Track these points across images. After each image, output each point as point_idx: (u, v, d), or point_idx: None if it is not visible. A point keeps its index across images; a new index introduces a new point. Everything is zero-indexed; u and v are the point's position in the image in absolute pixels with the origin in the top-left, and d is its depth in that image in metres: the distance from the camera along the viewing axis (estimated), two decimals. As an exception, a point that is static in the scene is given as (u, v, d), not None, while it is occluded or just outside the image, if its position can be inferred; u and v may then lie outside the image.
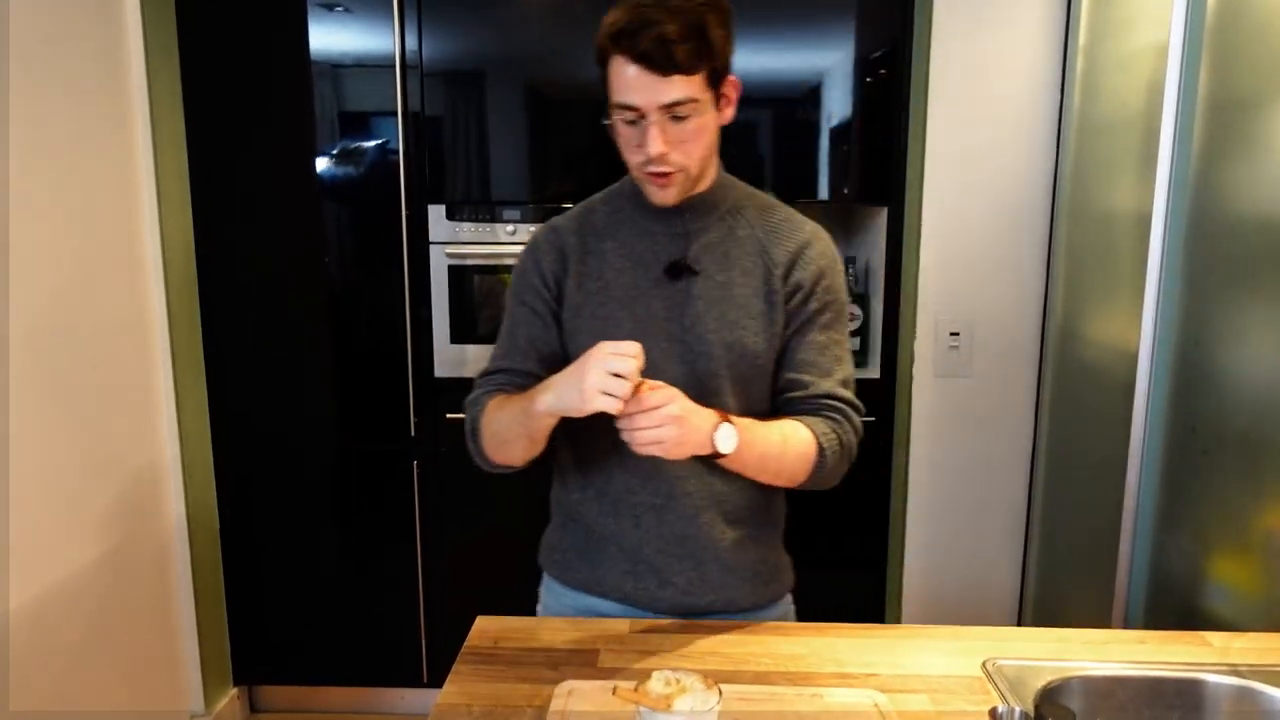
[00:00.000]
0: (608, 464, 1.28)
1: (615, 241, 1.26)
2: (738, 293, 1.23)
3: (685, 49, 1.08)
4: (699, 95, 1.12)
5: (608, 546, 1.29)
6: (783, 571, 1.38)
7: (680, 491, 1.25)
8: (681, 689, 0.89)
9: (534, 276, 1.28)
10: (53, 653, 1.89)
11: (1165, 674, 1.18)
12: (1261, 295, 1.50)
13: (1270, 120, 1.50)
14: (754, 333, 1.23)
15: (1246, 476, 1.53)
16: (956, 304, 2.32)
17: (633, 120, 1.13)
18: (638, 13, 1.08)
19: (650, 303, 1.24)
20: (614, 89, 1.13)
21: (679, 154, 1.15)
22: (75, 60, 1.95)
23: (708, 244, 1.25)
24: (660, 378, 1.14)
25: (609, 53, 1.12)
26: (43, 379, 1.85)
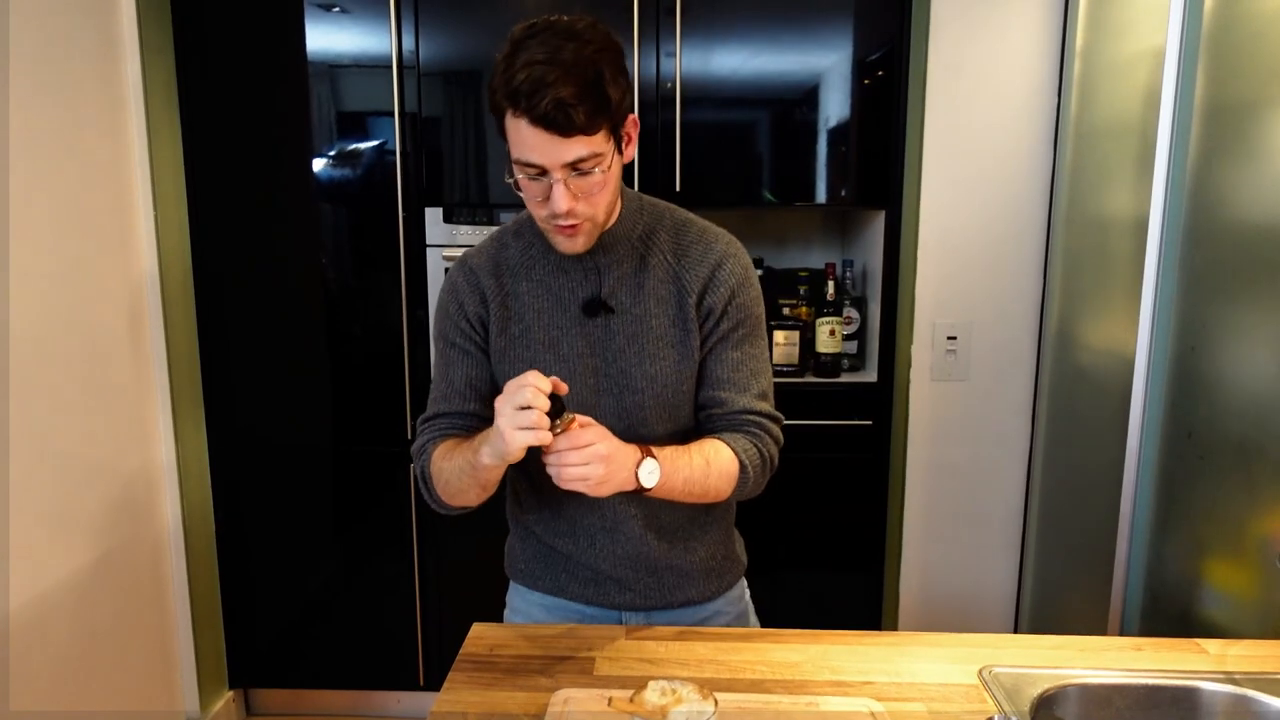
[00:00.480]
0: (552, 492, 1.24)
1: (530, 282, 1.27)
2: (654, 324, 1.25)
3: (584, 110, 1.06)
4: (601, 149, 1.11)
5: (567, 561, 1.34)
6: (734, 561, 1.42)
7: (625, 515, 1.29)
8: (677, 699, 0.89)
9: (459, 319, 1.28)
10: (48, 656, 1.88)
11: (1161, 682, 1.18)
12: (1258, 301, 1.50)
13: (1266, 125, 1.50)
14: (673, 362, 1.25)
15: (1243, 482, 1.53)
16: (953, 308, 2.33)
17: (534, 176, 1.12)
18: (531, 72, 1.05)
19: (573, 341, 1.25)
20: (514, 145, 1.11)
21: (585, 206, 1.14)
22: (70, 61, 1.95)
23: (621, 277, 1.25)
24: (589, 413, 1.17)
25: (504, 109, 1.09)
26: (38, 382, 1.85)
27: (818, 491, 2.37)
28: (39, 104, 1.84)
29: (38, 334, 1.85)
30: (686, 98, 2.23)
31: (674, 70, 2.21)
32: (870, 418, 2.35)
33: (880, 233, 2.34)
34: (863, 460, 2.37)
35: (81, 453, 1.99)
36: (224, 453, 2.42)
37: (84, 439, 2.00)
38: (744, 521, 1.55)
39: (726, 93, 2.27)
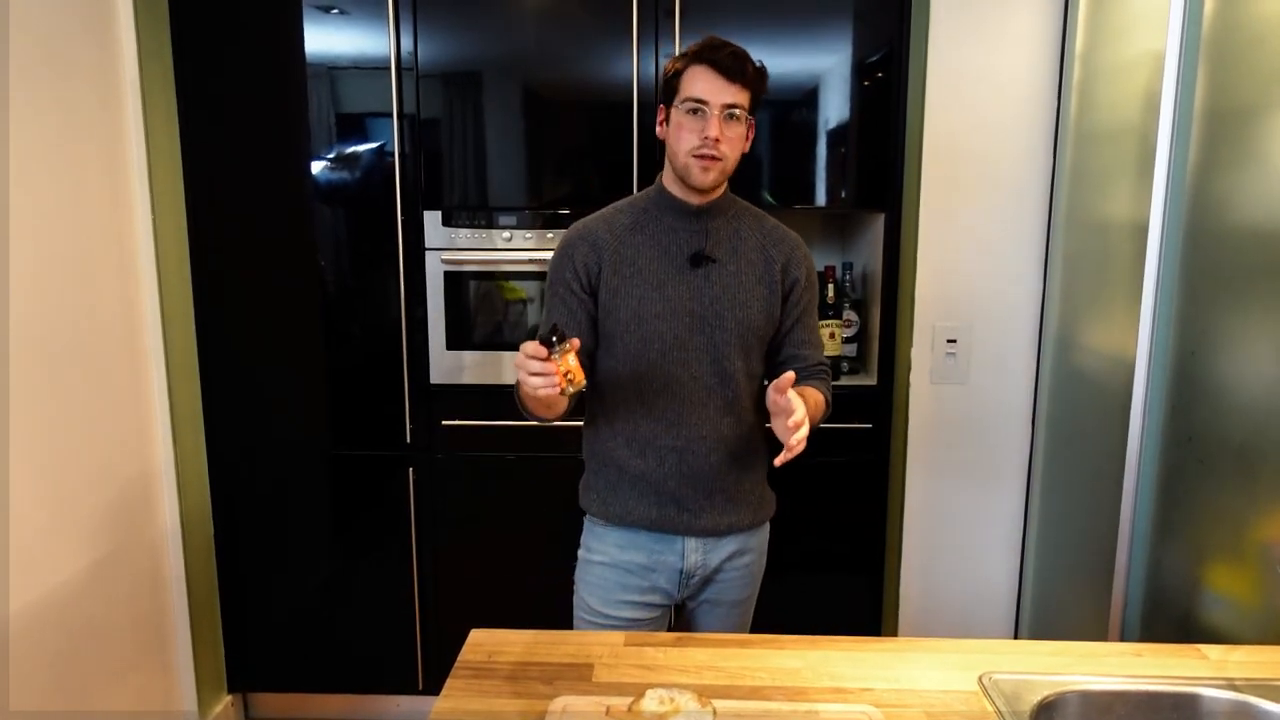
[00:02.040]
0: (634, 414, 1.56)
1: (644, 236, 1.55)
2: (745, 279, 1.55)
3: (752, 67, 1.45)
4: (746, 105, 1.46)
5: (637, 483, 1.57)
6: (769, 500, 1.69)
7: (697, 436, 1.55)
8: (675, 708, 0.88)
9: (566, 270, 1.54)
10: (47, 659, 1.88)
11: (1162, 688, 1.18)
12: (1258, 305, 1.50)
13: (1266, 130, 1.50)
14: (758, 311, 1.55)
15: (1243, 487, 1.53)
16: (953, 311, 2.32)
17: (695, 110, 1.44)
18: (713, 41, 1.45)
19: (677, 286, 1.53)
20: (686, 88, 1.45)
21: (726, 145, 1.46)
22: (68, 63, 1.94)
23: (721, 239, 1.55)
24: (685, 347, 1.52)
25: (686, 65, 1.45)
26: (37, 385, 1.84)
27: (818, 494, 2.36)
28: (36, 106, 1.84)
29: (35, 337, 1.84)
30: (686, 99, 2.22)
31: (673, 72, 2.21)
32: (870, 420, 2.35)
33: (880, 235, 2.34)
34: (863, 463, 2.37)
35: (80, 457, 1.99)
36: (223, 456, 2.41)
37: (82, 442, 1.99)
38: (743, 526, 1.55)
39: None
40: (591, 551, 1.64)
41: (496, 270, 2.30)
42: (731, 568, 1.62)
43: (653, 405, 1.55)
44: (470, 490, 2.39)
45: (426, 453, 2.38)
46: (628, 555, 1.60)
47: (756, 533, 1.66)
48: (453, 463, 2.38)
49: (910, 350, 2.35)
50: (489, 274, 2.31)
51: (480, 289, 2.32)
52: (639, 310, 1.52)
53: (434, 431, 2.37)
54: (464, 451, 2.36)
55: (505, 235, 2.29)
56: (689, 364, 1.53)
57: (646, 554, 1.59)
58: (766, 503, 1.68)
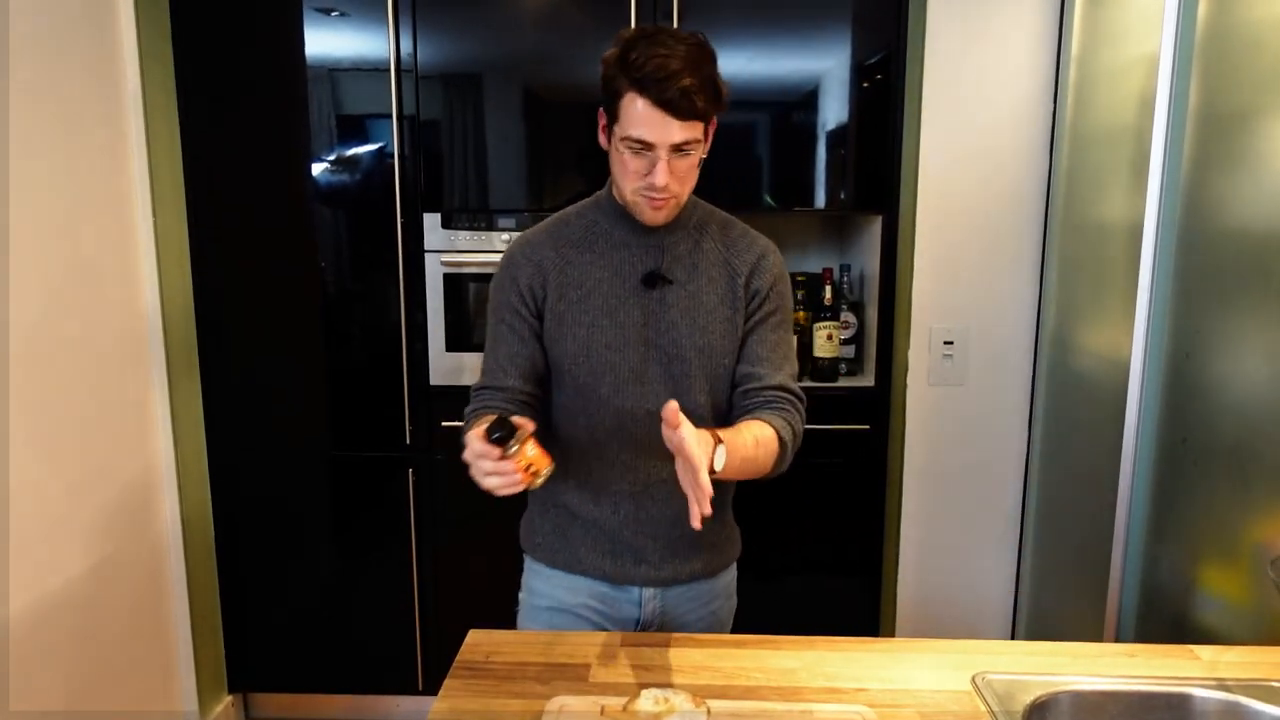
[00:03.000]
0: (585, 455, 1.40)
1: (592, 254, 1.37)
2: (705, 300, 1.37)
3: (703, 99, 1.22)
4: (700, 136, 1.26)
5: (589, 530, 1.42)
6: (734, 540, 1.54)
7: (656, 480, 1.39)
8: (670, 707, 0.89)
9: (511, 294, 1.37)
10: (48, 659, 1.89)
11: (1154, 689, 1.18)
12: (1252, 307, 1.51)
13: (1259, 133, 1.50)
14: (720, 335, 1.37)
15: (1236, 488, 1.54)
16: (950, 313, 2.33)
17: (639, 151, 1.25)
18: (659, 61, 1.20)
19: (630, 311, 1.36)
20: (627, 122, 1.24)
21: (677, 184, 1.28)
22: (68, 66, 1.95)
23: (678, 256, 1.38)
24: (640, 379, 1.35)
25: (625, 90, 1.22)
26: (38, 386, 1.85)
27: (815, 496, 2.38)
28: (38, 110, 1.85)
29: (36, 338, 1.85)
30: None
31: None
32: (867, 422, 2.36)
33: (877, 237, 2.35)
34: (860, 464, 2.38)
35: (81, 457, 2.00)
36: (223, 457, 2.42)
37: (83, 443, 2.00)
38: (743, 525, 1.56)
39: None
40: (535, 595, 1.48)
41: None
42: (696, 618, 1.47)
43: (606, 446, 1.38)
44: (470, 491, 2.38)
45: (426, 454, 2.40)
46: (579, 600, 1.44)
47: (722, 576, 1.50)
48: (452, 464, 2.37)
49: (908, 352, 2.36)
50: (488, 276, 2.31)
51: (480, 291, 2.33)
52: (588, 340, 1.35)
53: (434, 433, 2.38)
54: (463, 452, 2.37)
55: (504, 237, 2.30)
56: (645, 399, 1.35)
57: (598, 601, 1.44)
58: (732, 543, 1.52)
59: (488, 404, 1.35)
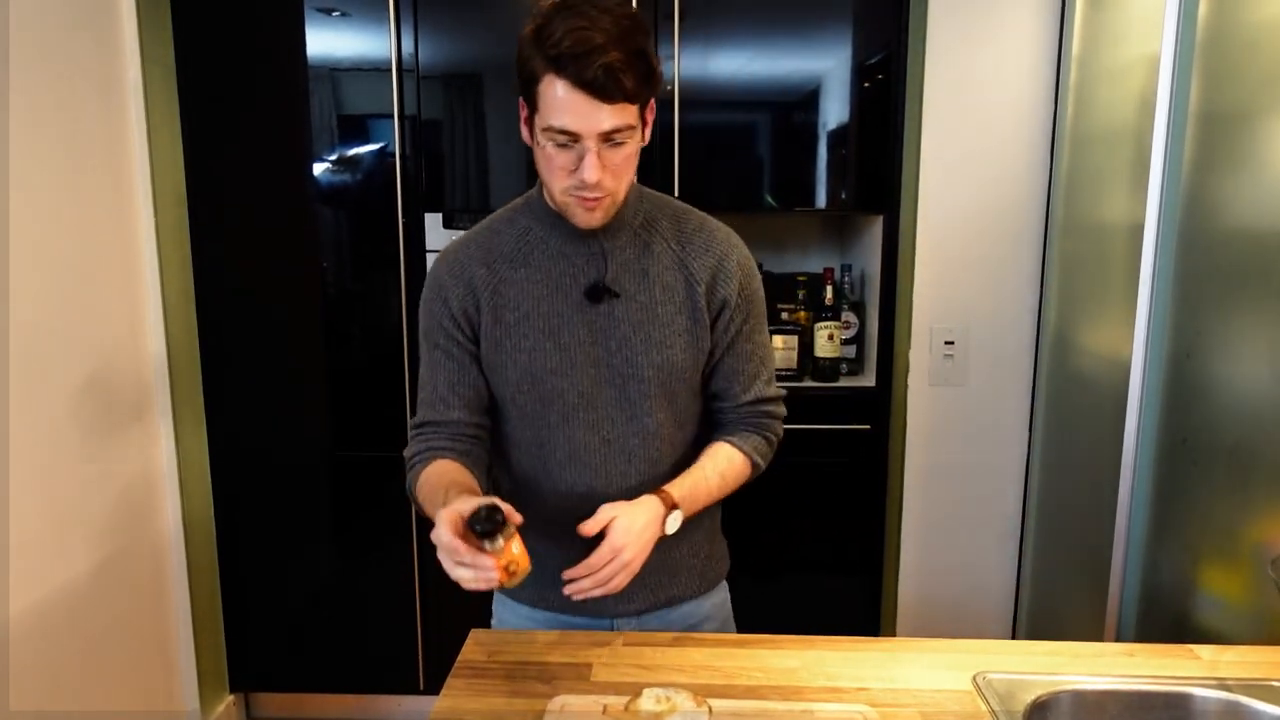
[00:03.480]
0: (538, 490, 1.29)
1: (528, 268, 1.23)
2: (661, 311, 1.23)
3: (632, 77, 1.06)
4: (634, 122, 1.11)
5: (548, 564, 1.22)
6: (717, 560, 1.42)
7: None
8: (671, 707, 0.90)
9: (443, 317, 1.24)
10: (50, 659, 1.89)
11: (1154, 688, 1.19)
12: (1252, 308, 1.51)
13: (1259, 134, 1.51)
14: (681, 349, 1.24)
15: (1236, 488, 1.54)
16: (951, 313, 2.33)
17: (564, 144, 1.10)
18: (577, 35, 1.04)
19: (574, 329, 1.22)
20: (547, 111, 1.09)
21: (610, 179, 1.13)
22: (70, 67, 1.96)
23: (625, 263, 1.23)
24: (591, 404, 1.23)
25: (541, 72, 1.07)
26: (39, 387, 1.86)
27: (816, 496, 2.38)
28: (39, 110, 1.85)
29: (39, 341, 1.86)
30: (685, 101, 2.24)
31: (673, 73, 2.22)
32: (868, 422, 2.36)
33: (878, 237, 2.35)
34: (861, 464, 2.38)
35: (83, 458, 2.00)
36: (224, 458, 2.43)
37: (85, 445, 2.01)
38: (744, 526, 1.56)
39: (726, 96, 2.27)
40: (505, 626, 1.40)
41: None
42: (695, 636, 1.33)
43: (558, 479, 1.26)
44: (471, 491, 2.40)
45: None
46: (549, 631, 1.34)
47: (707, 597, 1.39)
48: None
49: (908, 352, 2.36)
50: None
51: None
52: (530, 366, 1.22)
53: (435, 433, 2.38)
54: (464, 452, 2.38)
55: (505, 238, 2.30)
56: (599, 426, 1.24)
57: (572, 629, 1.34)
58: (716, 560, 1.41)
59: (433, 445, 1.24)
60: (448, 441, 1.24)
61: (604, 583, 1.12)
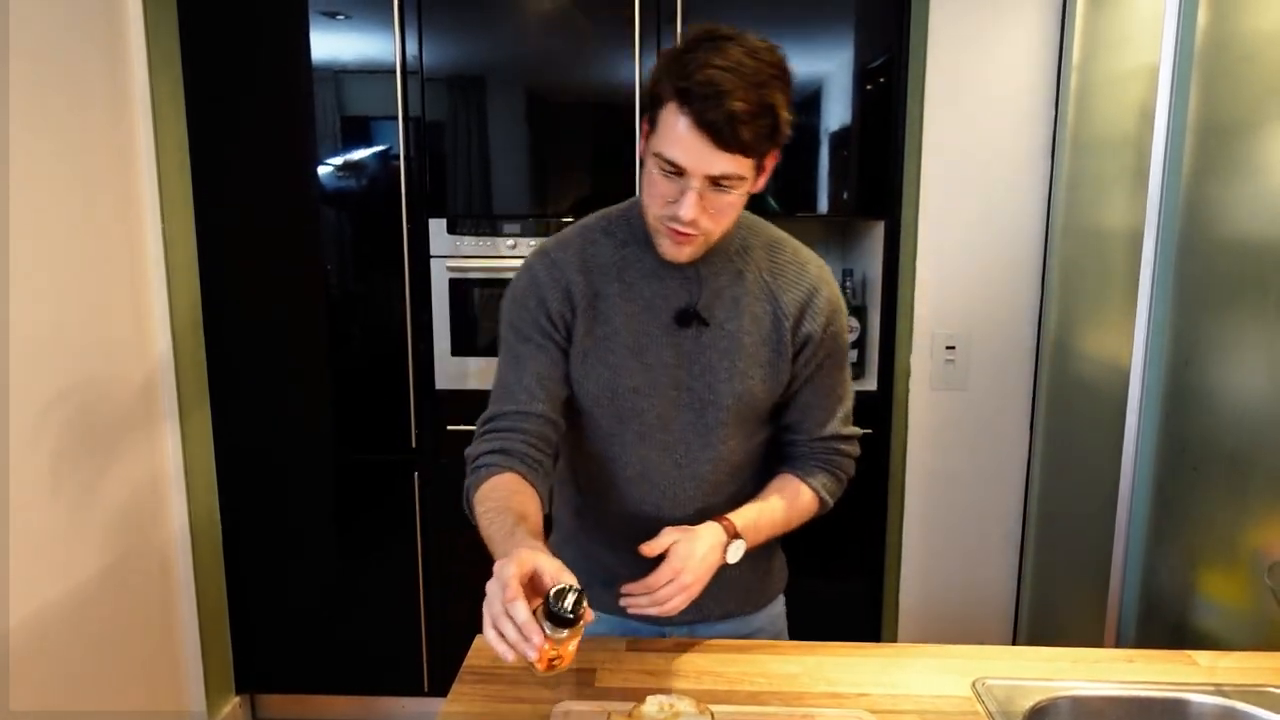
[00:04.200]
0: (605, 501, 1.30)
1: (622, 284, 1.23)
2: (747, 341, 1.23)
3: (752, 130, 1.04)
4: (746, 172, 1.09)
5: (606, 574, 1.27)
6: (775, 576, 1.43)
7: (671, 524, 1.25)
8: (675, 713, 0.91)
9: (540, 314, 1.22)
10: (55, 661, 1.91)
11: (1152, 694, 1.20)
12: (1251, 315, 1.52)
13: (1258, 143, 1.52)
14: (761, 380, 1.24)
15: (1235, 494, 1.55)
16: (953, 318, 2.34)
17: (671, 174, 1.09)
18: (711, 74, 1.03)
19: (660, 351, 1.22)
20: (663, 139, 1.08)
21: (708, 221, 1.12)
22: (77, 69, 1.97)
23: (717, 290, 1.22)
24: (667, 425, 1.23)
25: (667, 98, 1.06)
26: (45, 389, 1.87)
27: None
28: (46, 114, 1.87)
29: (45, 343, 1.87)
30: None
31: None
32: (870, 426, 2.36)
33: (880, 242, 2.36)
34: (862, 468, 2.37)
35: (89, 460, 2.02)
36: (231, 460, 2.44)
37: (91, 447, 2.02)
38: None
39: None
40: None
41: (501, 277, 2.33)
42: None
43: (627, 495, 1.27)
44: (475, 494, 2.41)
45: (432, 457, 2.41)
46: (601, 629, 1.33)
47: (763, 611, 1.40)
48: (458, 468, 2.38)
49: (910, 356, 2.37)
50: (493, 280, 2.34)
51: (485, 295, 2.35)
52: (613, 382, 1.22)
53: (439, 436, 2.40)
54: (469, 456, 2.39)
55: (509, 243, 2.32)
56: (673, 448, 1.25)
57: (620, 633, 1.35)
58: (774, 577, 1.42)
59: (506, 448, 1.18)
60: (522, 445, 1.19)
61: (660, 603, 1.13)
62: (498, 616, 0.90)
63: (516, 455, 1.18)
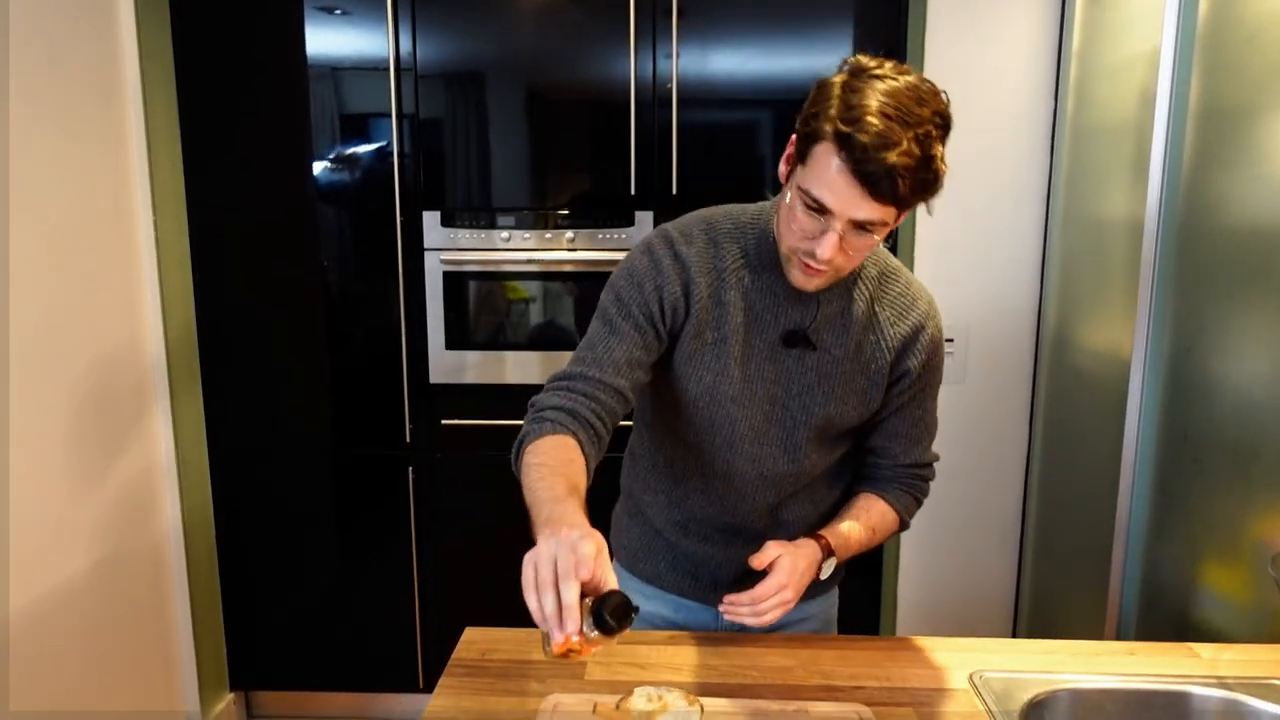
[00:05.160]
0: (687, 483, 1.32)
1: (738, 293, 1.22)
2: (848, 368, 1.24)
3: (909, 183, 1.02)
4: (890, 220, 1.08)
5: (674, 552, 1.36)
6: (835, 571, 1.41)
7: (750, 528, 1.31)
8: (663, 705, 0.89)
9: (653, 301, 1.20)
10: (49, 657, 1.89)
11: (1153, 687, 1.18)
12: (1252, 303, 1.50)
13: (1260, 129, 1.50)
14: (854, 407, 1.26)
15: (1237, 485, 1.53)
16: (951, 311, 2.30)
17: (814, 211, 1.07)
18: (879, 124, 0.99)
19: (762, 365, 1.23)
20: (813, 177, 1.05)
21: (844, 260, 1.11)
22: (69, 66, 1.95)
23: (828, 316, 1.22)
24: (759, 438, 1.25)
25: (824, 136, 1.02)
26: (39, 386, 1.85)
27: (816, 494, 2.37)
28: (37, 109, 1.85)
29: (38, 338, 1.86)
30: (684, 99, 2.23)
31: (671, 71, 2.21)
32: (868, 420, 2.35)
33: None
34: (861, 462, 2.37)
35: (82, 455, 2.00)
36: (224, 455, 2.43)
37: (85, 442, 2.01)
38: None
39: (725, 94, 2.26)
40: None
41: (495, 270, 2.31)
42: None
43: (709, 488, 1.30)
44: (470, 489, 2.40)
45: (426, 452, 2.39)
46: (652, 608, 1.39)
47: (815, 601, 1.39)
48: (452, 462, 2.39)
49: (908, 349, 2.34)
50: (487, 274, 2.32)
51: (479, 289, 2.33)
52: (714, 388, 1.22)
53: (434, 431, 2.38)
54: (463, 451, 2.37)
55: (504, 235, 2.30)
56: (759, 459, 1.27)
57: (672, 611, 1.39)
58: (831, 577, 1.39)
59: (577, 409, 1.15)
60: (591, 414, 1.15)
61: (760, 614, 1.17)
62: (545, 583, 0.87)
63: (583, 421, 1.14)
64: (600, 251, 2.27)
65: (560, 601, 0.85)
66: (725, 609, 1.20)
